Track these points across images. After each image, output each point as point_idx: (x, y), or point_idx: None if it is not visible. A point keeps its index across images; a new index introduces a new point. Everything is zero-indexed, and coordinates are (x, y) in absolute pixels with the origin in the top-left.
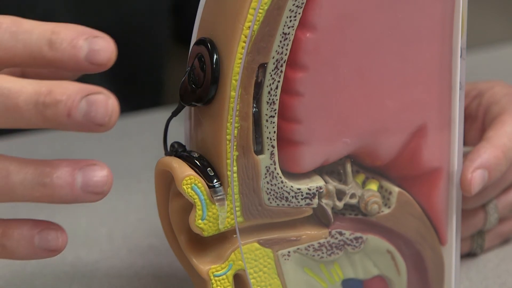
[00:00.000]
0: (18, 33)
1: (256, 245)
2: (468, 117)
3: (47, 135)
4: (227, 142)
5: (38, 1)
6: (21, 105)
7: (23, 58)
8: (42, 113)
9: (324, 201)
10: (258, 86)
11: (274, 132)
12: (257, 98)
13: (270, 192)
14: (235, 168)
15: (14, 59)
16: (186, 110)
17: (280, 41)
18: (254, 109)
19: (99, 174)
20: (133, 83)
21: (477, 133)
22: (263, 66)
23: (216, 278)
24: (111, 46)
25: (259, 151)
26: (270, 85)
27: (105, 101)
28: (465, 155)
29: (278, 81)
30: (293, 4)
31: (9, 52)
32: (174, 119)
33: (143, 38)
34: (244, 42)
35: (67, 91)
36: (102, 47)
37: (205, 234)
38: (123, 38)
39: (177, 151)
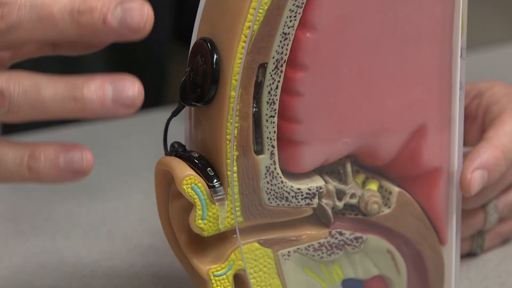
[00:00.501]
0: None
1: (256, 245)
2: (468, 117)
3: (47, 136)
4: (227, 142)
5: None
6: (55, 14)
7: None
8: (77, 21)
9: (324, 201)
10: (258, 86)
11: (274, 132)
12: (257, 98)
13: (270, 192)
14: (235, 168)
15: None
16: (186, 110)
17: (280, 41)
18: (254, 109)
19: (130, 87)
20: None
21: (477, 133)
22: (263, 66)
23: (216, 278)
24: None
25: (259, 151)
26: (270, 85)
27: (140, 7)
28: (465, 155)
29: (278, 81)
30: (293, 4)
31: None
32: (174, 119)
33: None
34: (244, 42)
35: None
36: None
37: (205, 234)
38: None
39: (177, 151)
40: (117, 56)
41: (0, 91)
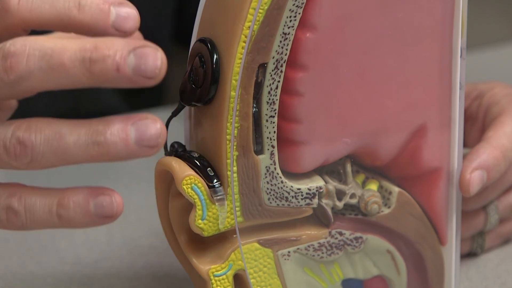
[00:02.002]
0: None
1: (256, 245)
2: (469, 118)
3: None
4: (227, 142)
5: None
6: (66, 63)
7: (50, 19)
8: (89, 69)
9: (324, 201)
10: (258, 86)
11: (274, 132)
12: (257, 98)
13: (270, 192)
14: (235, 168)
15: (40, 20)
16: (186, 110)
17: (280, 41)
18: (254, 109)
19: (152, 127)
20: None
21: (478, 134)
22: (263, 66)
23: (216, 278)
24: (136, 14)
25: (259, 151)
26: (270, 85)
27: (154, 53)
28: (465, 156)
29: (278, 81)
30: (293, 4)
31: (34, 13)
32: (174, 119)
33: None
34: (244, 42)
35: (113, 45)
36: (129, 14)
37: (205, 234)
38: None
39: (177, 151)
40: None
41: (22, 141)
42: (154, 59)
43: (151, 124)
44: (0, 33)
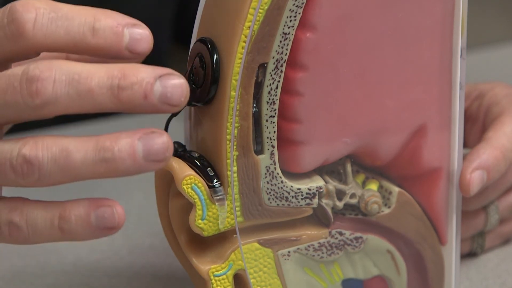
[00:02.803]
0: (58, 19)
1: (256, 245)
2: (469, 118)
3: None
4: (227, 142)
5: None
6: (94, 89)
7: (65, 44)
8: (117, 96)
9: (324, 201)
10: (258, 86)
11: (274, 132)
12: (257, 98)
13: (270, 192)
14: (235, 168)
15: (55, 45)
16: (186, 110)
17: (280, 41)
18: (254, 109)
19: (159, 141)
20: None
21: (478, 134)
22: (263, 66)
23: (216, 278)
24: (149, 35)
25: (259, 151)
26: (270, 85)
27: (179, 82)
28: (465, 156)
29: (278, 81)
30: (293, 4)
31: (49, 38)
32: (174, 119)
33: None
34: (244, 42)
35: (140, 73)
36: (142, 36)
37: (205, 234)
38: None
39: (177, 151)
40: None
41: (29, 160)
42: (180, 88)
43: (158, 138)
44: (12, 55)
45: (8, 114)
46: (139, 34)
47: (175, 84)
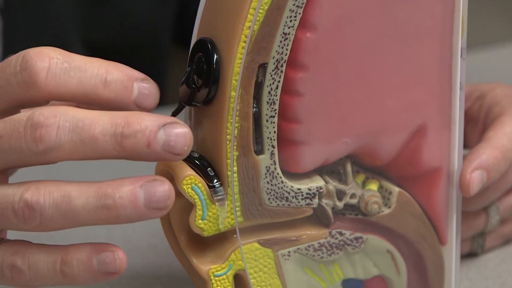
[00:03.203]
0: (71, 69)
1: (256, 245)
2: (470, 119)
3: None
4: (227, 142)
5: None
6: (98, 137)
7: (76, 95)
8: (120, 144)
9: (324, 201)
10: (258, 86)
11: (274, 132)
12: (257, 98)
13: (270, 192)
14: (235, 168)
15: (66, 95)
16: (186, 110)
17: (280, 41)
18: (254, 109)
19: (161, 189)
20: None
21: (479, 135)
22: (263, 66)
23: (216, 278)
24: (156, 91)
25: (259, 151)
26: (270, 85)
27: (183, 131)
28: (465, 156)
29: (278, 81)
30: (293, 4)
31: (61, 88)
32: None
33: (144, 38)
34: (244, 42)
35: (144, 121)
36: (150, 91)
37: (205, 234)
38: (124, 37)
39: None
40: (117, 56)
41: (30, 205)
42: (184, 137)
43: (160, 186)
44: (22, 102)
45: (13, 159)
46: (147, 89)
47: (178, 133)
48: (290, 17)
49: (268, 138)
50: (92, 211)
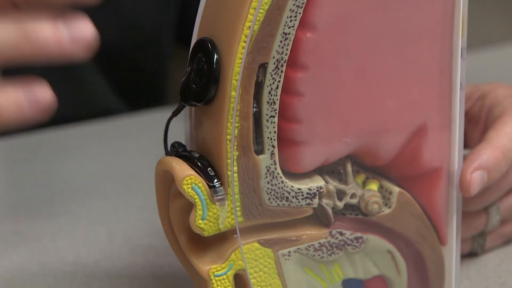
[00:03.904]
0: None
1: (257, 245)
2: (471, 119)
3: (45, 136)
4: (228, 142)
5: None
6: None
7: None
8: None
9: (324, 201)
10: (259, 86)
11: (275, 132)
12: (257, 98)
13: (270, 192)
14: (235, 168)
15: None
16: (186, 110)
17: (281, 41)
18: (255, 109)
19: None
20: (134, 83)
21: (480, 135)
22: (263, 66)
23: (217, 278)
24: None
25: (260, 151)
26: (270, 85)
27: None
28: (466, 157)
29: (279, 81)
30: (294, 4)
31: None
32: (174, 119)
33: (144, 38)
34: (245, 42)
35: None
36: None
37: (206, 234)
38: (124, 38)
39: (177, 151)
40: (117, 56)
41: None
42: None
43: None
44: None
45: None
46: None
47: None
48: (290, 17)
49: (268, 138)
50: (13, 43)
